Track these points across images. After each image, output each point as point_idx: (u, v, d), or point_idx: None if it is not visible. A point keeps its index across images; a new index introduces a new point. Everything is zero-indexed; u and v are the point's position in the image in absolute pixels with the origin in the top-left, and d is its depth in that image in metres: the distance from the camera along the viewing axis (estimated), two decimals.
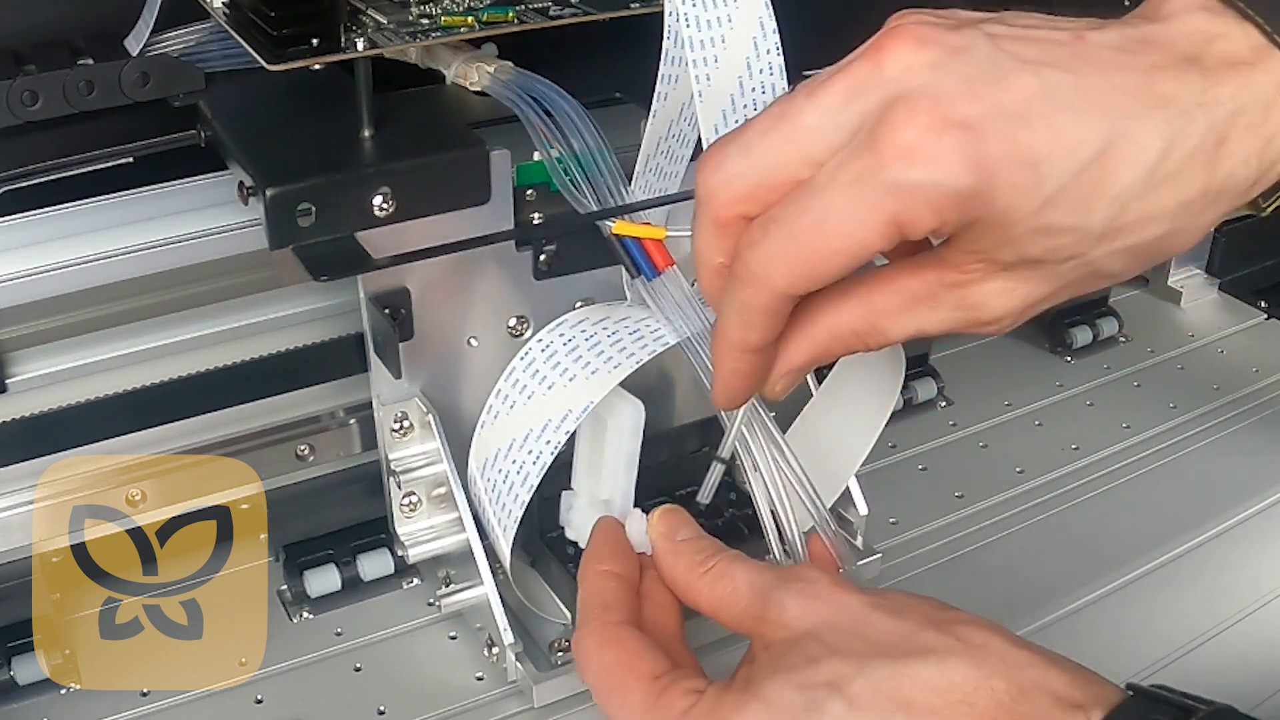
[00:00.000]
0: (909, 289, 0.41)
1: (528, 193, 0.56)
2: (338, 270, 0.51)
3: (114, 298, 0.54)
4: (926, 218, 0.36)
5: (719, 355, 0.43)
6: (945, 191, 0.36)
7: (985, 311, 0.40)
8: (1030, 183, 0.36)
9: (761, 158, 0.39)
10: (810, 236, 0.37)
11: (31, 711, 0.56)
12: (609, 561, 0.49)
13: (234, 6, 0.52)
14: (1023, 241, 0.38)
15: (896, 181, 0.36)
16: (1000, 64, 0.37)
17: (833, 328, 0.42)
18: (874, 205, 0.36)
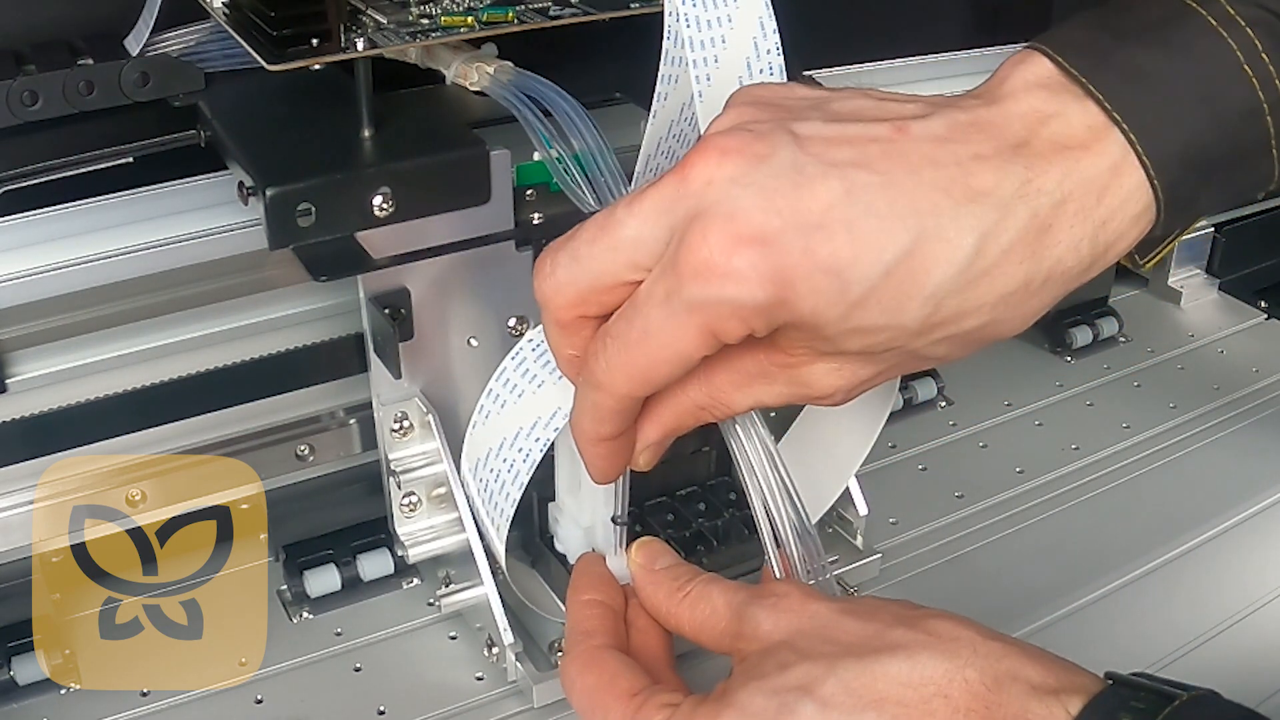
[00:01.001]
0: (745, 368, 0.42)
1: (528, 193, 0.56)
2: (338, 270, 0.51)
3: (114, 298, 0.55)
4: (734, 328, 0.38)
5: (580, 444, 0.45)
6: (744, 305, 0.37)
7: (815, 388, 0.42)
8: (835, 288, 0.37)
9: (588, 267, 0.40)
10: (639, 349, 0.40)
11: (31, 711, 0.56)
12: (591, 592, 0.51)
13: (234, 6, 0.52)
14: (837, 340, 0.39)
15: (699, 299, 0.37)
16: (803, 170, 0.37)
17: (678, 405, 0.44)
18: (684, 321, 0.38)
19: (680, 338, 0.39)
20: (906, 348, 0.40)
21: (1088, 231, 0.39)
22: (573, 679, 0.47)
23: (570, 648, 0.49)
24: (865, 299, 0.37)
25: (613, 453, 0.45)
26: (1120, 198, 0.39)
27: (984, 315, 0.39)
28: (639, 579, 0.51)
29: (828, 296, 0.37)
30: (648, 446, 0.46)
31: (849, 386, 0.42)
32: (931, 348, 0.40)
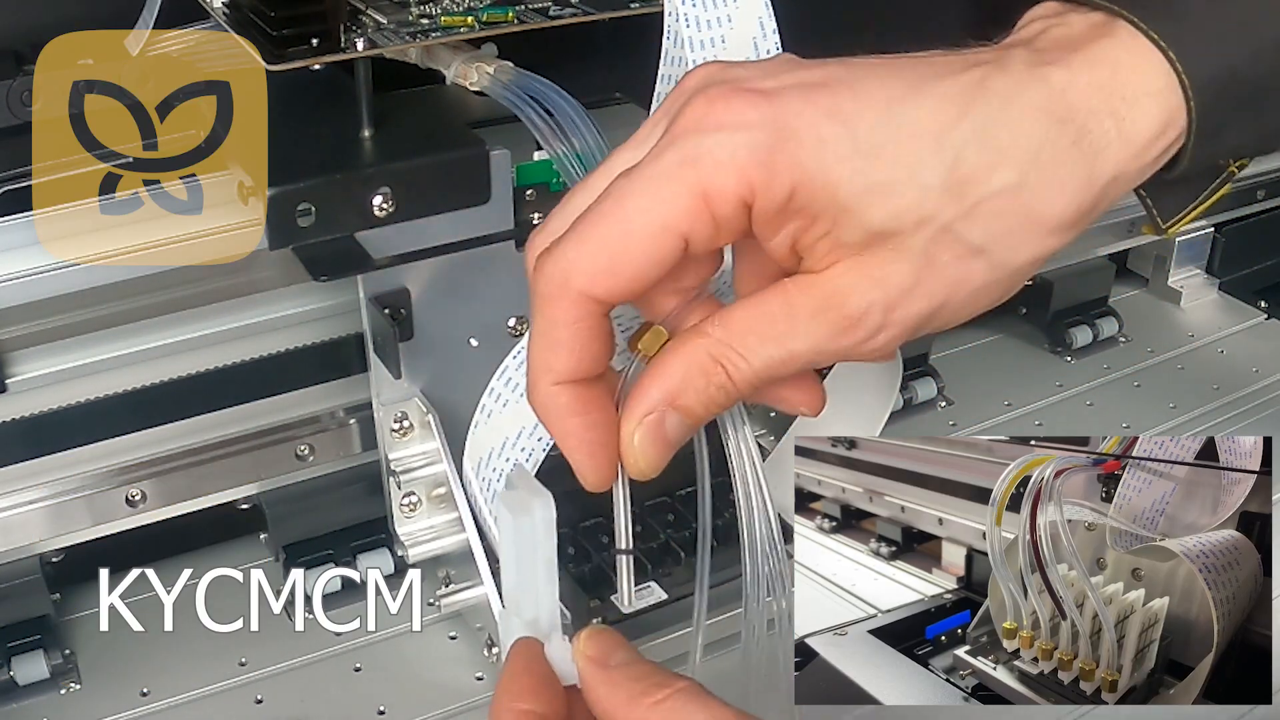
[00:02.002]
0: (765, 304, 0.36)
1: (528, 193, 0.56)
2: (338, 270, 0.51)
3: (114, 298, 0.54)
4: (730, 182, 0.34)
5: (536, 399, 0.38)
6: (742, 147, 0.34)
7: (848, 306, 0.35)
8: (841, 136, 0.34)
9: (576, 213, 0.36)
10: (610, 216, 0.35)
11: (31, 711, 0.56)
12: (528, 698, 0.39)
13: (234, 6, 0.52)
14: (857, 207, 0.34)
15: (694, 148, 0.34)
16: (801, 62, 0.36)
17: (686, 354, 0.37)
18: (676, 175, 0.34)
19: (665, 200, 0.34)
20: (939, 221, 0.35)
21: (1107, 106, 0.36)
22: None
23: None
24: (876, 149, 0.34)
25: (580, 409, 0.37)
26: (1134, 88, 0.37)
27: (1010, 172, 0.35)
28: (590, 679, 0.39)
29: (835, 146, 0.34)
30: (649, 413, 0.37)
31: (885, 300, 0.35)
32: (969, 223, 0.35)
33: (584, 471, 0.38)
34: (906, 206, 0.35)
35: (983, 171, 0.35)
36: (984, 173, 0.35)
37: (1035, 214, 0.36)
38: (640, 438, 0.37)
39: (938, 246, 0.35)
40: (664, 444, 0.37)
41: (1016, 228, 0.36)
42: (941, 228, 0.35)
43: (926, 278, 0.36)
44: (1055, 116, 0.36)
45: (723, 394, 0.37)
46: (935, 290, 0.36)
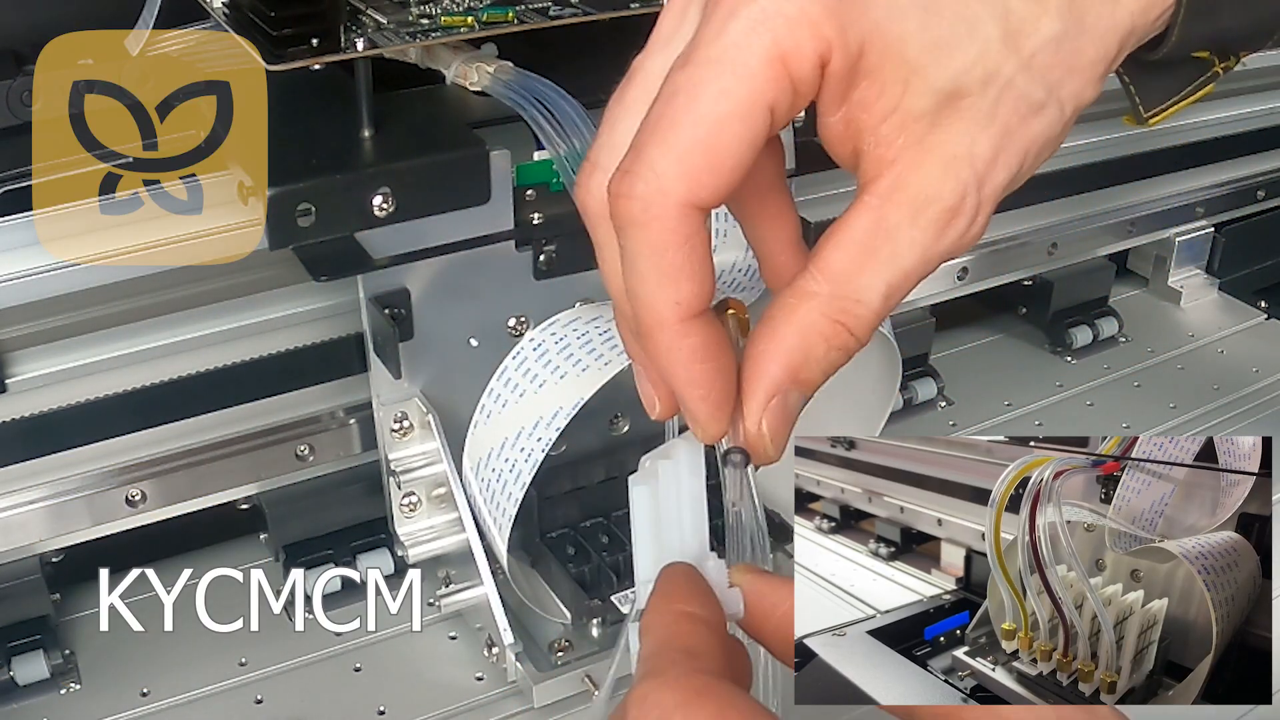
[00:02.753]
0: (856, 230, 0.33)
1: (528, 193, 0.56)
2: (338, 270, 0.51)
3: (114, 298, 0.55)
4: (806, 38, 0.31)
5: (660, 348, 0.34)
6: (812, 1, 0.31)
7: (943, 198, 0.33)
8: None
9: (624, 132, 0.34)
10: (692, 112, 0.32)
11: (31, 711, 0.56)
12: (689, 602, 0.35)
13: (234, 6, 0.52)
14: (925, 65, 0.33)
15: (760, 11, 0.31)
16: None
17: (800, 322, 0.34)
18: (748, 44, 0.31)
19: (746, 70, 0.31)
20: (1003, 76, 0.34)
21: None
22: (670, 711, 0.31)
23: (661, 668, 0.33)
24: (934, 1, 0.33)
25: (708, 352, 0.34)
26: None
27: (1054, 20, 0.34)
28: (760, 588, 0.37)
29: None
30: (774, 394, 0.34)
31: (975, 179, 0.33)
32: (1029, 77, 0.34)
33: (707, 426, 0.35)
34: (971, 62, 0.33)
35: (1030, 22, 0.34)
36: (1031, 23, 0.34)
37: (1079, 63, 0.35)
38: (769, 424, 0.34)
39: (1005, 107, 0.34)
40: (790, 425, 0.35)
41: (1066, 76, 0.35)
42: (1006, 84, 0.34)
43: (1004, 145, 0.34)
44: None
45: (844, 354, 0.34)
46: (1013, 155, 0.34)
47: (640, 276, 0.33)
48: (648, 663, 0.33)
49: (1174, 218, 0.88)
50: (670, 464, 0.39)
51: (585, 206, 0.36)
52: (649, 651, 0.34)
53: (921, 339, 0.78)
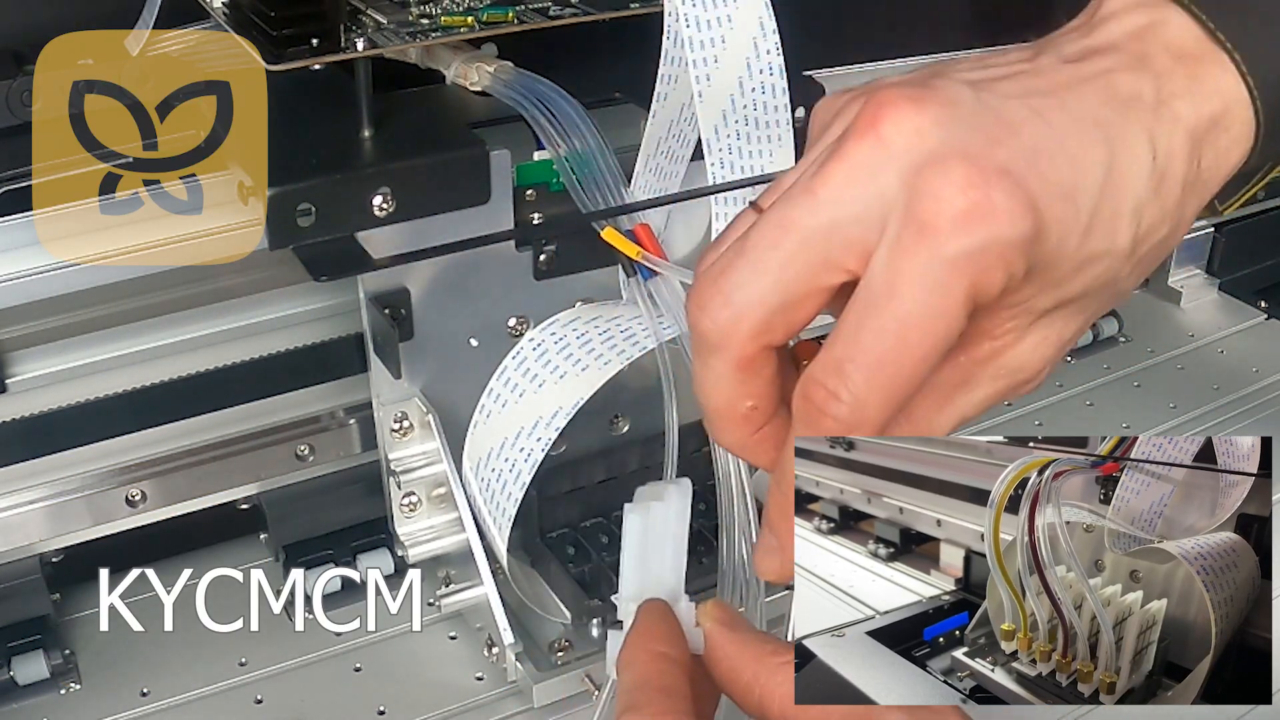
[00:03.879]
0: (943, 382, 0.37)
1: (528, 193, 0.56)
2: (338, 270, 0.51)
3: (114, 298, 0.55)
4: (998, 278, 0.33)
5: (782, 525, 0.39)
6: (1012, 243, 0.33)
7: (1026, 370, 0.37)
8: (1071, 214, 0.34)
9: (777, 277, 0.34)
10: (899, 354, 0.33)
11: (31, 711, 0.56)
12: (664, 643, 0.40)
13: (234, 6, 0.52)
14: (1066, 280, 0.35)
15: (964, 251, 0.33)
16: (994, 107, 0.35)
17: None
18: (949, 286, 0.33)
19: (945, 312, 0.33)
20: (1114, 278, 0.36)
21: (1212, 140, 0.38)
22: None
23: (638, 704, 0.38)
24: (1091, 223, 0.35)
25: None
26: (1232, 117, 0.38)
27: (1169, 224, 0.37)
28: (717, 638, 0.41)
29: (1066, 224, 0.34)
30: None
31: (1055, 355, 0.38)
32: (1132, 277, 0.37)
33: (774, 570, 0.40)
34: (1101, 273, 0.36)
35: (1154, 229, 0.37)
36: (1154, 229, 0.37)
37: (1167, 251, 0.38)
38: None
39: (1103, 299, 0.37)
40: None
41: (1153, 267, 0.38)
42: (1113, 285, 0.37)
43: (1084, 325, 0.38)
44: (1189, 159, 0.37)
45: None
46: (1086, 326, 0.39)
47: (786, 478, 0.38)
48: (628, 697, 0.38)
49: None
50: (661, 506, 0.43)
51: (706, 337, 0.36)
52: (629, 686, 0.39)
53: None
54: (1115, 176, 0.35)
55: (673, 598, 0.43)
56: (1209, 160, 0.38)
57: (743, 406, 0.37)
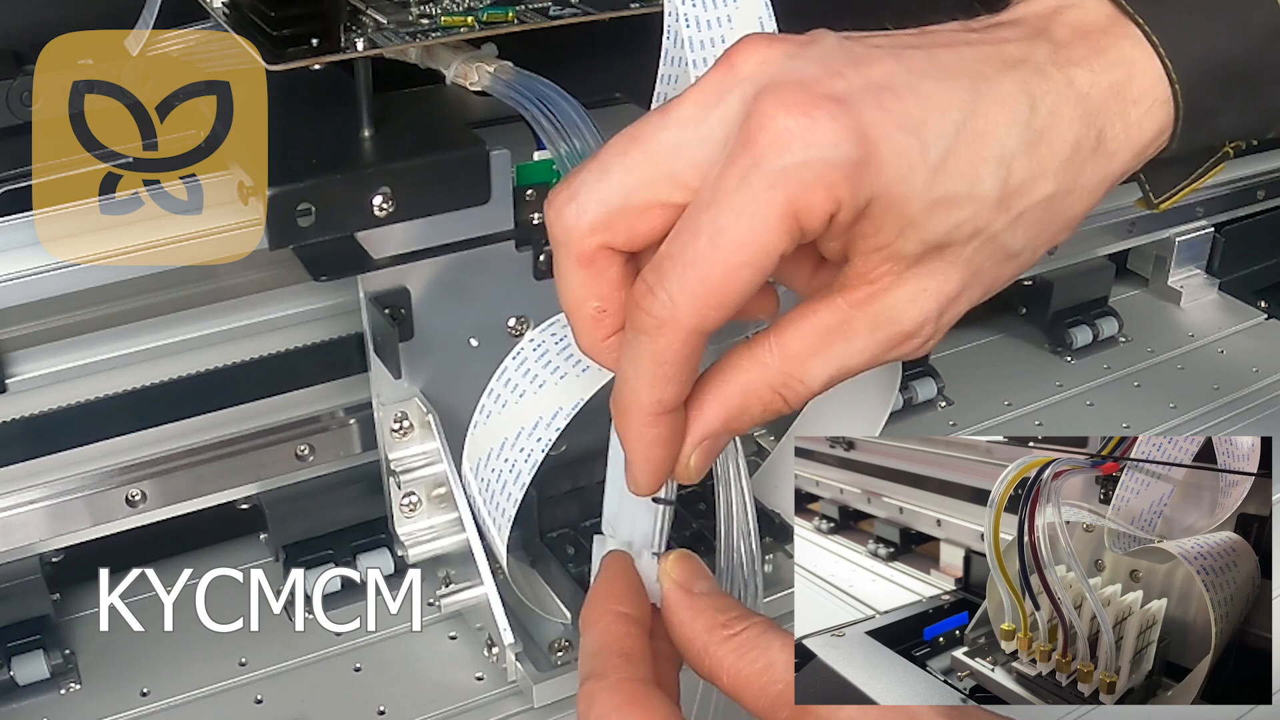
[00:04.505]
0: (820, 323, 0.37)
1: (528, 193, 0.56)
2: (338, 270, 0.51)
3: (114, 298, 0.55)
4: (820, 199, 0.34)
5: (631, 427, 0.38)
6: (832, 164, 0.34)
7: (904, 323, 0.37)
8: (915, 149, 0.35)
9: (620, 180, 0.36)
10: (710, 257, 0.35)
11: (31, 711, 0.56)
12: (625, 603, 0.41)
13: (234, 6, 0.52)
14: (922, 221, 0.36)
15: (782, 168, 0.34)
16: (853, 51, 0.36)
17: (746, 384, 0.38)
18: (766, 201, 0.34)
19: (761, 225, 0.34)
20: (988, 231, 0.37)
21: (1119, 111, 0.38)
22: (606, 714, 0.37)
23: (600, 670, 0.39)
24: (943, 162, 0.35)
25: (668, 435, 0.38)
26: (1141, 90, 0.38)
27: (1050, 182, 0.37)
28: (673, 600, 0.40)
29: (909, 158, 0.35)
30: (706, 437, 0.38)
31: (937, 311, 0.38)
32: (1011, 233, 0.37)
33: (641, 484, 0.39)
34: (965, 219, 0.36)
35: (1028, 184, 0.37)
36: (1029, 184, 0.37)
37: (1063, 218, 0.39)
38: (696, 459, 0.39)
39: (982, 255, 0.38)
40: (712, 459, 0.39)
41: (1048, 231, 0.38)
42: (990, 238, 0.37)
43: (971, 284, 0.38)
44: (1083, 123, 0.38)
45: (775, 416, 0.38)
46: (975, 293, 0.38)
47: (635, 369, 0.37)
48: (591, 662, 0.39)
49: (1174, 217, 0.88)
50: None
51: (553, 232, 0.37)
52: (591, 651, 0.39)
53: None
54: (977, 122, 0.36)
55: (645, 542, 0.43)
56: (1116, 131, 0.38)
57: (589, 307, 0.38)
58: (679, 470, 0.39)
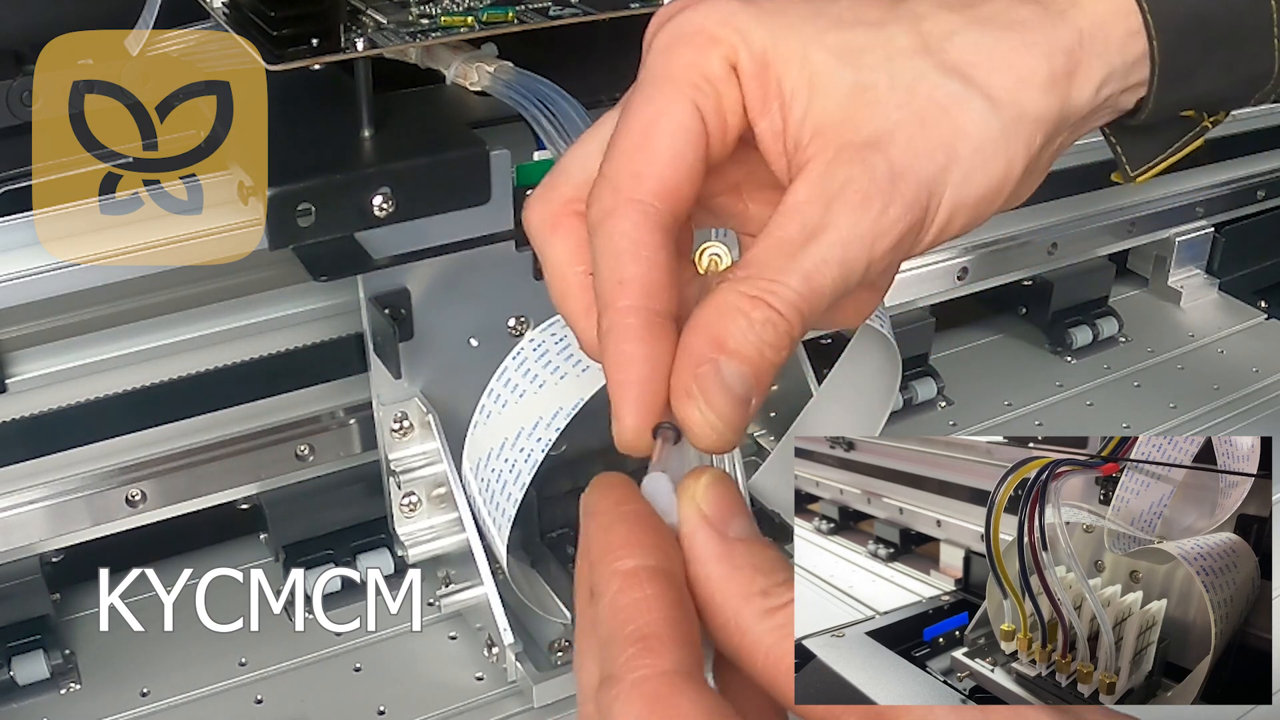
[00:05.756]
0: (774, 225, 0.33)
1: (527, 193, 0.56)
2: (338, 270, 0.51)
3: (114, 298, 0.55)
4: (707, 45, 0.34)
5: (604, 339, 0.33)
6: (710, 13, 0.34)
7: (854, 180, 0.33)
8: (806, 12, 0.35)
9: (572, 156, 0.37)
10: (626, 129, 0.34)
11: (31, 711, 0.56)
12: (634, 549, 0.30)
13: (234, 6, 0.52)
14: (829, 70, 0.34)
15: (670, 34, 0.35)
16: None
17: (717, 302, 0.32)
18: (661, 65, 0.34)
19: (661, 84, 0.34)
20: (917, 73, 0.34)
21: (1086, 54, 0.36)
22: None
23: (615, 670, 0.28)
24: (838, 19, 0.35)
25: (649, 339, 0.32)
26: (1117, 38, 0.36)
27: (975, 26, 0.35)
28: (700, 547, 0.30)
29: (797, 8, 0.35)
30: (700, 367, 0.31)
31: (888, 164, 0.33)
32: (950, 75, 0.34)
33: (623, 416, 0.32)
34: (878, 62, 0.34)
35: (943, 31, 0.35)
36: (944, 32, 0.35)
37: (1007, 62, 0.35)
38: (700, 390, 0.31)
39: (920, 99, 0.34)
40: (727, 393, 0.31)
41: (992, 72, 0.35)
42: (917, 76, 0.34)
43: (922, 134, 0.34)
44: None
45: (770, 328, 0.32)
46: (936, 145, 0.34)
47: (596, 267, 0.33)
48: (604, 661, 0.28)
49: (1174, 218, 0.88)
50: None
51: (527, 224, 0.37)
52: (602, 638, 0.29)
53: (921, 339, 0.78)
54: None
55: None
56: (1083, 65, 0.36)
57: (574, 273, 0.35)
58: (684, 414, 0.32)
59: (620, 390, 0.32)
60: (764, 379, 0.32)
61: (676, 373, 0.32)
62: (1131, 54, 0.37)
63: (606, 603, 0.29)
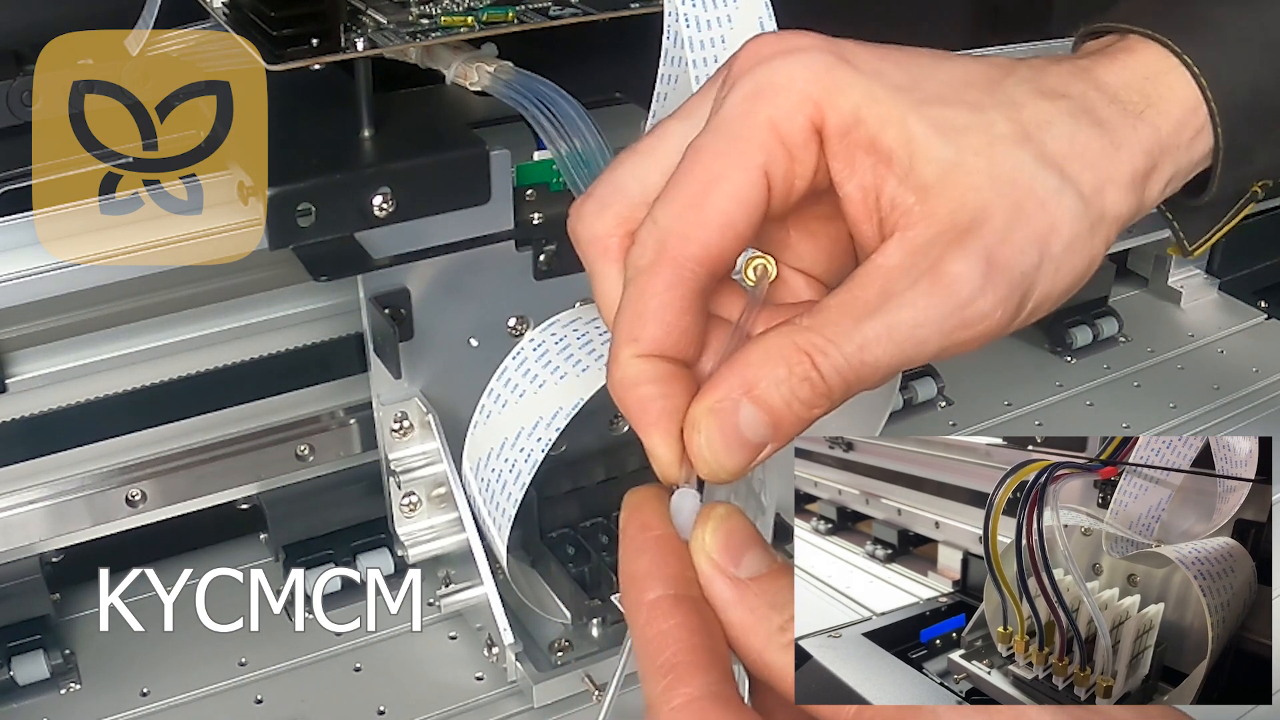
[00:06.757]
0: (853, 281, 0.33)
1: (528, 193, 0.56)
2: (338, 270, 0.52)
3: (114, 298, 0.55)
4: (794, 102, 0.32)
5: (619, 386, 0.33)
6: (801, 67, 0.32)
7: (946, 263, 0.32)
8: (899, 66, 0.34)
9: (632, 169, 0.35)
10: (692, 177, 0.32)
11: (31, 711, 0.57)
12: (659, 583, 0.32)
13: (234, 6, 0.52)
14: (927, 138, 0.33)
15: (754, 81, 0.33)
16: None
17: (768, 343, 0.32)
18: (740, 114, 0.32)
19: (737, 136, 0.32)
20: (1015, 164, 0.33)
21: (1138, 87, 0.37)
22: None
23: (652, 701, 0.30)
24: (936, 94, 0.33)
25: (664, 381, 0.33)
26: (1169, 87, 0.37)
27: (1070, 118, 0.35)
28: (716, 592, 0.32)
29: (895, 75, 0.33)
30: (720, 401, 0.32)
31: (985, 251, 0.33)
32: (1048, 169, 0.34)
33: (657, 451, 0.33)
34: (977, 141, 0.33)
35: (1042, 121, 0.34)
36: (1043, 121, 0.34)
37: (1100, 160, 0.35)
38: (708, 426, 0.32)
39: (1018, 190, 0.33)
40: (735, 438, 0.32)
41: (1084, 169, 0.34)
42: (1015, 168, 0.33)
43: (1016, 224, 0.33)
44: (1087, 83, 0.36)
45: (807, 386, 0.31)
46: (1030, 241, 0.33)
47: (621, 309, 0.34)
48: (645, 692, 0.30)
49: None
50: None
51: (576, 234, 0.36)
52: (640, 673, 0.31)
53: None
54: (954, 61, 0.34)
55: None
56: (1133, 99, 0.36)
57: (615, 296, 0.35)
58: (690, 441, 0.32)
59: (648, 432, 0.33)
60: (785, 430, 0.33)
61: (698, 398, 0.32)
62: (1199, 151, 0.38)
63: (636, 635, 0.31)
